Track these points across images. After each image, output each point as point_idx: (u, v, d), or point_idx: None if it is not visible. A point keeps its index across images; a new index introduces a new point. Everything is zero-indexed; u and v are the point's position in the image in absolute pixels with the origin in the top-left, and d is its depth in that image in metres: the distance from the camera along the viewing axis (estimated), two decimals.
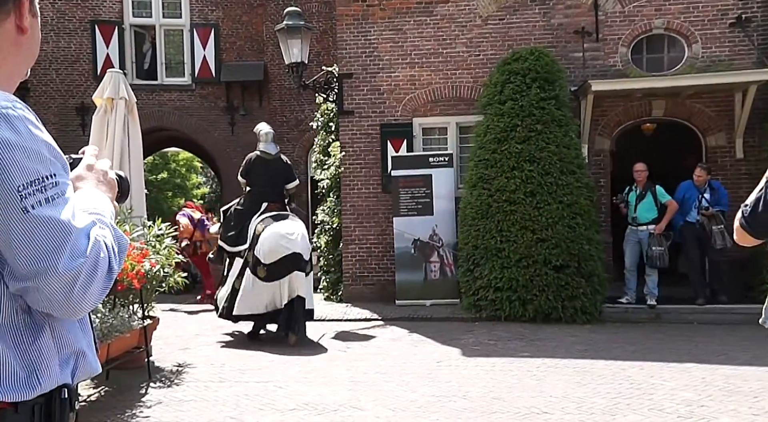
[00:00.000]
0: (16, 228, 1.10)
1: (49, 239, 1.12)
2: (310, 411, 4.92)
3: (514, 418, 4.66)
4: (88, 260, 1.15)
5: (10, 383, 1.14)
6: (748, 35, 9.41)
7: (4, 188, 1.09)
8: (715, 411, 4.76)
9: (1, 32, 1.20)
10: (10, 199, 1.09)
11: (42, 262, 1.11)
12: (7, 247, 1.10)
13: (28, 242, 1.10)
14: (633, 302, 8.84)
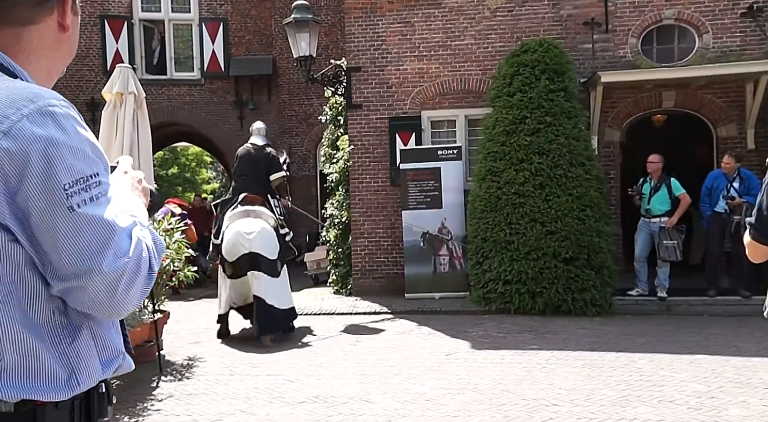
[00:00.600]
0: (63, 227, 1.09)
1: (95, 238, 1.11)
2: (320, 404, 4.95)
3: (522, 410, 4.67)
4: (131, 260, 1.15)
5: (50, 383, 1.14)
6: (759, 25, 9.32)
7: (51, 186, 1.08)
8: (725, 403, 4.75)
9: (44, 29, 1.21)
10: (57, 197, 1.08)
11: (87, 261, 1.11)
12: (52, 246, 1.10)
13: (73, 241, 1.10)
14: (645, 294, 8.79)
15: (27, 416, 1.12)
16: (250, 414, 4.77)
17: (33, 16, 1.18)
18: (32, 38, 1.20)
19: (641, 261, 8.82)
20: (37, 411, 1.12)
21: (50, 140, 1.08)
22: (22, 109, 1.08)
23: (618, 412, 4.58)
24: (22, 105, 1.08)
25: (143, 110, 6.83)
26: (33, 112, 1.08)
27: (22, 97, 1.10)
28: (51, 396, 1.14)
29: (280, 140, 15.23)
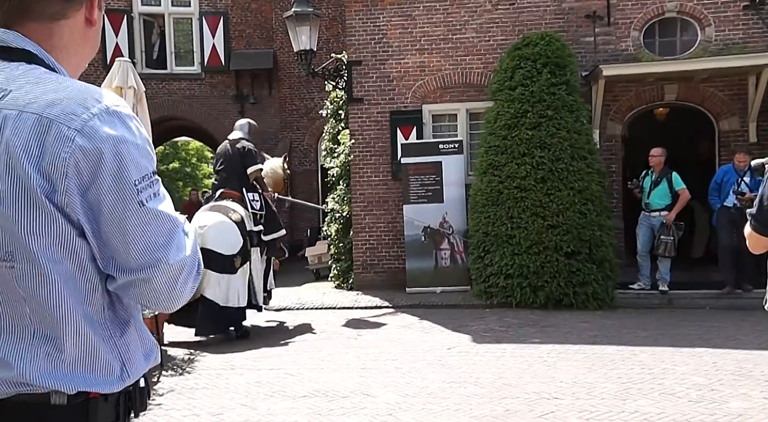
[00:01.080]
0: (133, 221, 1.13)
1: (161, 232, 1.16)
2: (321, 397, 4.96)
3: (524, 404, 4.68)
4: (190, 255, 1.20)
5: (106, 376, 1.18)
6: (761, 18, 9.28)
7: (123, 182, 1.11)
8: (725, 395, 4.76)
9: (73, 24, 1.23)
10: (129, 192, 1.12)
11: (155, 253, 1.15)
12: (121, 240, 1.13)
13: (142, 234, 1.14)
14: (647, 288, 8.79)
15: (80, 409, 1.15)
16: (251, 408, 4.78)
17: (64, 11, 1.20)
18: (63, 33, 1.21)
19: (644, 256, 8.80)
20: (90, 404, 1.16)
21: (120, 139, 1.12)
22: (91, 108, 1.11)
23: (619, 405, 4.59)
24: (91, 104, 1.11)
25: (143, 105, 6.82)
26: (102, 111, 1.12)
27: (87, 96, 1.13)
28: (107, 388, 1.18)
29: (281, 134, 15.22)
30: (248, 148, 7.62)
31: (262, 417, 4.60)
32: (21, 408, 1.12)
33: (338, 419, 4.50)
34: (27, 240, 1.08)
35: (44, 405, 1.13)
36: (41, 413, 1.13)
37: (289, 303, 9.43)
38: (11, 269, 1.09)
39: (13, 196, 1.06)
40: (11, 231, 1.07)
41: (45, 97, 1.10)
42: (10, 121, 1.08)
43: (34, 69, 1.16)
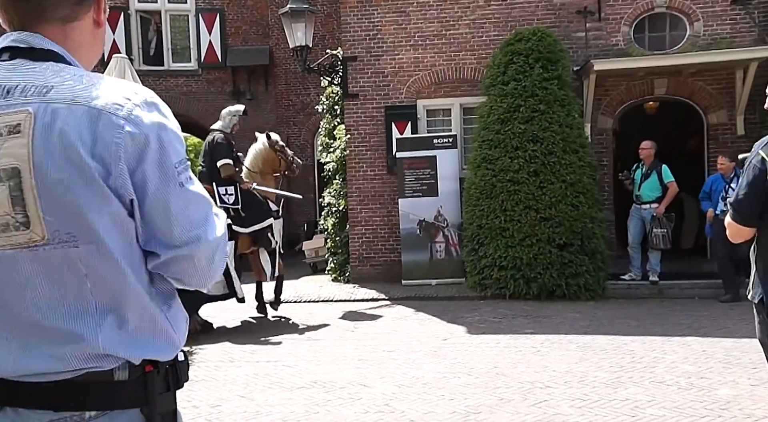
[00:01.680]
0: (176, 201, 1.22)
1: (200, 211, 1.27)
2: (318, 388, 5.04)
3: (517, 393, 4.77)
4: (222, 234, 1.32)
5: (164, 343, 1.28)
6: (749, 13, 9.38)
7: (166, 165, 1.21)
8: (714, 383, 4.87)
9: (83, 26, 1.29)
10: (171, 174, 1.21)
11: (196, 230, 1.25)
12: (164, 218, 1.22)
13: (184, 213, 1.24)
14: (637, 278, 8.90)
15: (139, 383, 1.23)
16: (249, 400, 4.85)
17: (75, 14, 1.27)
18: (75, 35, 1.28)
19: (635, 247, 8.90)
20: (147, 377, 1.24)
21: (161, 126, 1.21)
22: (132, 99, 1.20)
23: (610, 393, 4.68)
24: (131, 96, 1.20)
25: None
26: (142, 102, 1.21)
27: (125, 88, 1.22)
28: (166, 355, 1.27)
29: (277, 130, 15.25)
30: (217, 140, 7.47)
31: (260, 408, 4.67)
32: (86, 387, 1.19)
33: (335, 410, 4.58)
34: (90, 221, 1.15)
35: (108, 382, 1.20)
36: (106, 390, 1.20)
37: (287, 297, 9.45)
38: (75, 248, 1.16)
39: (74, 181, 1.13)
40: (75, 213, 1.14)
41: (89, 91, 1.17)
42: (61, 113, 1.14)
43: (66, 67, 1.23)
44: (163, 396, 1.26)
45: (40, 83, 1.17)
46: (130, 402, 1.22)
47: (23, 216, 1.14)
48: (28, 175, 1.13)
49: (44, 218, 1.14)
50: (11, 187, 1.13)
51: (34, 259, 1.16)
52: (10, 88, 1.17)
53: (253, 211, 7.55)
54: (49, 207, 1.14)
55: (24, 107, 1.15)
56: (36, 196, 1.13)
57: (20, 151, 1.13)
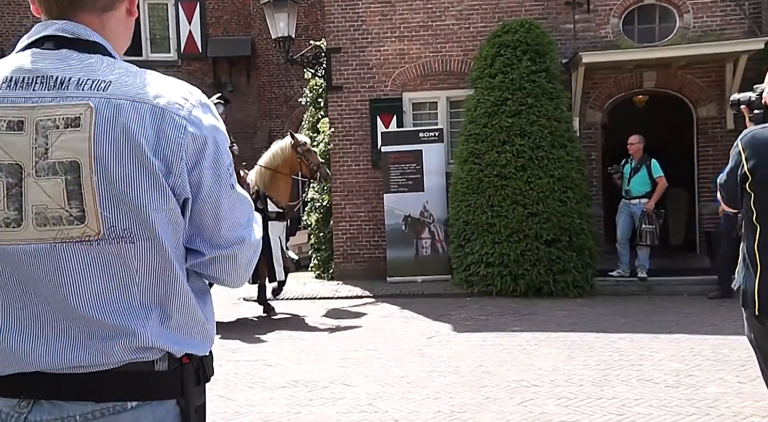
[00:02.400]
0: (226, 202, 1.26)
1: (245, 213, 1.32)
2: (300, 388, 4.97)
3: (503, 391, 4.73)
4: (260, 237, 1.37)
5: (202, 338, 1.30)
6: (739, 4, 9.34)
7: (220, 166, 1.24)
8: (702, 380, 4.85)
9: (118, 15, 1.30)
10: (224, 176, 1.25)
11: (241, 231, 1.31)
12: (213, 218, 1.25)
13: (231, 214, 1.28)
14: (626, 275, 8.86)
15: (176, 374, 1.25)
16: (229, 400, 4.77)
17: (113, 3, 1.28)
18: (111, 24, 1.29)
19: (623, 243, 8.87)
20: (184, 369, 1.26)
21: (216, 128, 1.25)
22: (189, 99, 1.22)
23: (597, 392, 4.64)
24: (187, 96, 1.23)
25: None
26: (198, 103, 1.24)
27: (180, 87, 1.24)
28: (203, 349, 1.31)
29: (260, 123, 15.10)
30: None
31: (240, 408, 4.59)
32: (128, 377, 1.21)
33: (317, 409, 4.50)
34: (148, 218, 1.17)
35: (149, 372, 1.23)
36: (146, 380, 1.23)
37: (269, 294, 9.37)
38: (131, 245, 1.17)
39: (138, 177, 1.15)
40: (134, 210, 1.16)
41: (148, 89, 1.19)
42: (125, 109, 1.15)
43: (115, 61, 1.24)
44: (196, 388, 1.29)
45: (98, 77, 1.18)
46: (169, 393, 1.25)
47: (79, 210, 1.15)
48: (88, 169, 1.14)
49: (101, 213, 1.15)
50: (68, 181, 1.14)
51: (87, 253, 1.17)
52: (63, 79, 1.17)
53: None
54: (108, 202, 1.15)
55: (83, 100, 1.15)
56: (94, 191, 1.14)
57: (80, 145, 1.13)
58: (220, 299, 9.28)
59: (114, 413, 1.19)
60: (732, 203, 2.63)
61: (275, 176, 7.75)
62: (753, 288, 2.48)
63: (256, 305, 8.80)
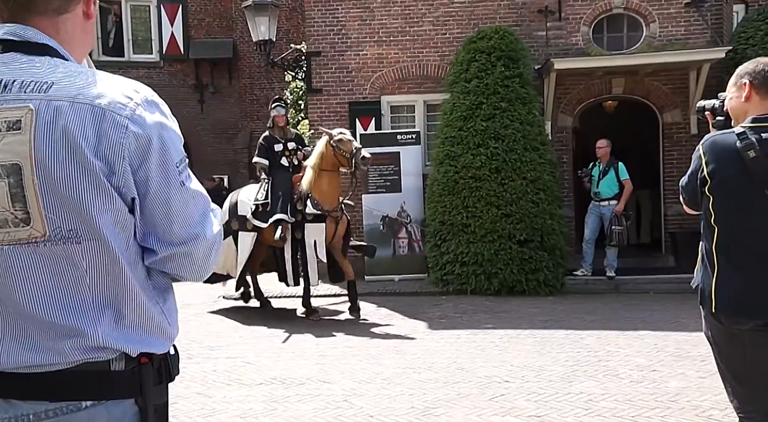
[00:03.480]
0: (176, 199, 1.25)
1: (199, 209, 1.30)
2: (277, 385, 5.02)
3: (475, 387, 4.83)
4: (217, 231, 1.34)
5: (159, 337, 1.29)
6: (702, 15, 9.61)
7: (168, 164, 1.22)
8: (665, 375, 5.01)
9: (74, 18, 1.28)
10: (172, 173, 1.23)
11: (195, 228, 1.28)
12: (165, 216, 1.24)
13: (184, 211, 1.26)
14: (589, 274, 9.08)
15: (133, 374, 1.24)
16: (207, 397, 4.81)
17: (67, 5, 1.26)
18: (67, 27, 1.27)
19: (590, 243, 9.09)
20: (142, 369, 1.25)
21: (163, 125, 1.23)
22: (134, 98, 1.21)
23: (565, 387, 4.78)
24: (132, 94, 1.21)
25: None
26: (144, 101, 1.22)
27: (125, 86, 1.23)
28: (161, 348, 1.29)
29: (241, 124, 15.16)
30: (258, 140, 7.97)
31: (217, 404, 4.64)
32: (83, 377, 1.20)
33: (293, 406, 4.57)
34: (92, 218, 1.16)
35: (104, 372, 1.22)
36: (102, 380, 1.22)
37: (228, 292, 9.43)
38: (78, 245, 1.17)
39: (79, 179, 1.14)
40: (77, 211, 1.15)
41: (90, 89, 1.18)
42: (64, 110, 1.14)
43: (63, 63, 1.22)
44: (156, 388, 1.28)
45: (40, 79, 1.16)
46: (126, 392, 1.24)
47: (23, 212, 1.14)
48: (30, 172, 1.13)
49: (46, 215, 1.14)
50: (11, 184, 1.13)
51: (34, 255, 1.16)
52: (8, 82, 1.16)
53: (272, 205, 7.58)
54: (51, 204, 1.14)
55: (24, 103, 1.14)
56: (37, 193, 1.13)
57: (21, 148, 1.13)
58: (198, 297, 9.30)
59: (68, 412, 1.18)
60: (693, 205, 2.67)
61: (319, 175, 7.43)
62: (710, 287, 2.52)
63: (234, 303, 8.86)
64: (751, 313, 2.43)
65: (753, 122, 2.46)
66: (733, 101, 2.60)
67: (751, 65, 2.54)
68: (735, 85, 2.59)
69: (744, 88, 2.52)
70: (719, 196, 2.50)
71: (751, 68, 2.53)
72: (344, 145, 7.35)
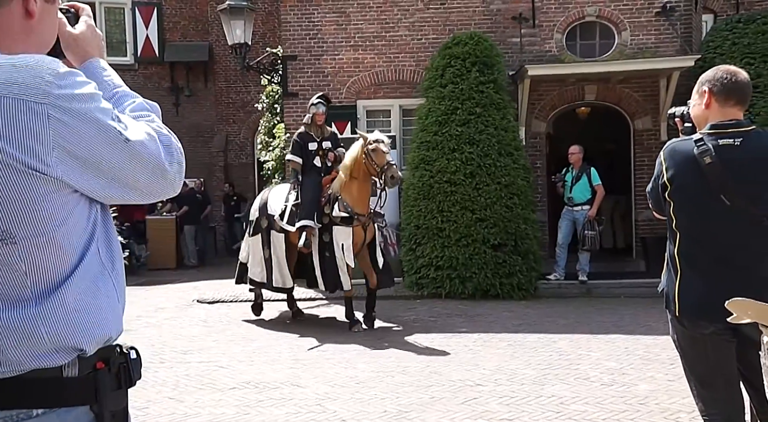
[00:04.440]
0: (120, 162, 1.22)
1: (152, 152, 1.27)
2: (250, 389, 5.01)
3: (448, 391, 4.87)
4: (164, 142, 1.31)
5: (103, 329, 1.25)
6: (672, 24, 9.80)
7: (104, 131, 1.19)
8: (635, 378, 5.09)
9: (8, 14, 1.21)
10: (113, 136, 1.21)
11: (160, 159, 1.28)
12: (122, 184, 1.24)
13: (139, 162, 1.25)
14: (561, 278, 9.18)
15: (88, 380, 1.21)
16: (179, 401, 4.79)
17: None
18: (2, 22, 1.21)
19: (563, 247, 9.19)
20: (98, 374, 1.22)
21: (81, 97, 1.17)
22: (45, 76, 1.13)
23: (537, 390, 4.83)
24: (44, 73, 1.13)
25: None
26: (56, 78, 1.14)
27: (35, 65, 1.14)
28: (102, 338, 1.25)
29: (217, 128, 15.09)
30: (292, 137, 7.82)
31: (189, 409, 4.62)
32: (34, 384, 1.17)
33: (266, 410, 4.57)
34: (26, 214, 1.11)
35: (56, 379, 1.19)
36: (54, 387, 1.18)
37: (223, 296, 9.37)
38: (13, 245, 1.13)
39: (4, 179, 1.09)
40: (8, 211, 1.11)
41: (2, 77, 1.11)
42: None
43: None
44: (115, 393, 1.25)
45: None
46: (79, 399, 1.20)
47: None
48: None
49: None
50: None
51: None
52: None
53: (301, 208, 7.29)
54: None
55: None
56: None
57: None
58: (171, 301, 9.24)
59: (18, 421, 1.15)
60: (659, 210, 2.70)
61: (351, 178, 7.12)
62: (674, 291, 2.55)
63: (208, 307, 8.79)
64: (712, 317, 2.44)
65: (711, 129, 2.50)
66: (695, 108, 2.64)
67: (711, 73, 2.58)
68: (697, 93, 2.62)
69: (704, 95, 2.55)
70: (679, 202, 2.54)
71: (710, 76, 2.56)
72: (377, 156, 6.96)
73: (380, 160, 6.95)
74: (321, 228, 7.20)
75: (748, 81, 2.54)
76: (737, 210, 2.45)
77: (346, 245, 7.13)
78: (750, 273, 2.48)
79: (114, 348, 1.28)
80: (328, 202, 7.20)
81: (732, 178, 2.43)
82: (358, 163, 7.03)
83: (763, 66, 8.73)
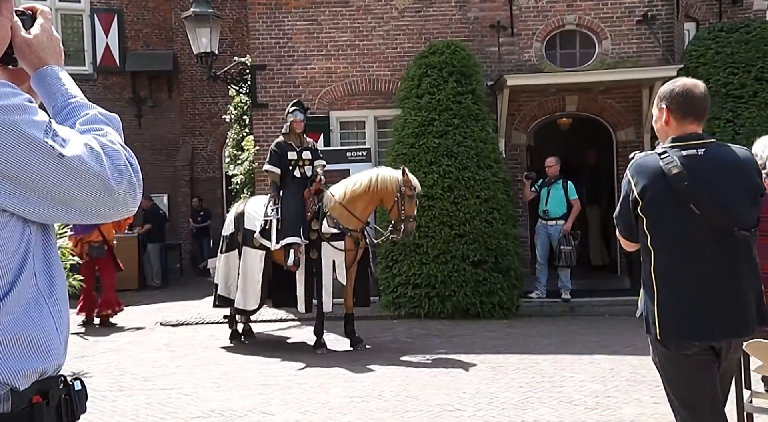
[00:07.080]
0: (66, 179, 1.20)
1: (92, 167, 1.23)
2: (215, 418, 4.79)
3: (426, 417, 4.69)
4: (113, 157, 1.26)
5: (41, 356, 1.21)
6: (653, 32, 9.72)
7: (35, 148, 1.17)
8: (620, 401, 4.95)
9: None
10: (46, 153, 1.18)
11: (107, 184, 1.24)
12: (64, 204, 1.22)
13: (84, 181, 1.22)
14: (543, 296, 8.97)
15: (23, 415, 1.17)
16: None
17: None
18: None
19: (542, 264, 9.02)
20: (34, 409, 1.18)
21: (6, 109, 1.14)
22: None
23: (519, 415, 4.67)
24: None
25: None
26: None
27: None
28: (41, 367, 1.21)
29: (182, 140, 14.68)
30: (262, 149, 7.52)
31: None
32: None
33: None
34: None
35: None
36: None
37: (188, 318, 9.05)
38: None
39: None
40: None
41: None
42: None
43: None
44: None
45: None
46: None
47: None
48: None
49: None
50: None
51: None
52: None
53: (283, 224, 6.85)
54: None
55: None
56: None
57: None
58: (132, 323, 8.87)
59: None
60: (629, 236, 2.69)
61: (356, 199, 6.81)
62: (653, 314, 2.56)
63: (171, 330, 8.46)
64: (695, 336, 2.51)
65: (673, 142, 2.59)
66: (657, 124, 2.72)
67: (668, 88, 2.64)
68: (657, 108, 2.69)
69: (663, 112, 2.63)
70: (651, 216, 2.57)
71: (667, 92, 2.62)
72: (409, 206, 6.65)
73: (410, 210, 6.67)
74: (308, 244, 6.85)
75: (704, 95, 2.61)
76: (707, 219, 2.49)
77: (338, 262, 6.86)
78: (727, 287, 2.52)
79: (55, 380, 1.25)
80: (315, 217, 6.87)
81: (699, 185, 2.49)
82: (384, 195, 6.74)
83: (746, 75, 8.63)
